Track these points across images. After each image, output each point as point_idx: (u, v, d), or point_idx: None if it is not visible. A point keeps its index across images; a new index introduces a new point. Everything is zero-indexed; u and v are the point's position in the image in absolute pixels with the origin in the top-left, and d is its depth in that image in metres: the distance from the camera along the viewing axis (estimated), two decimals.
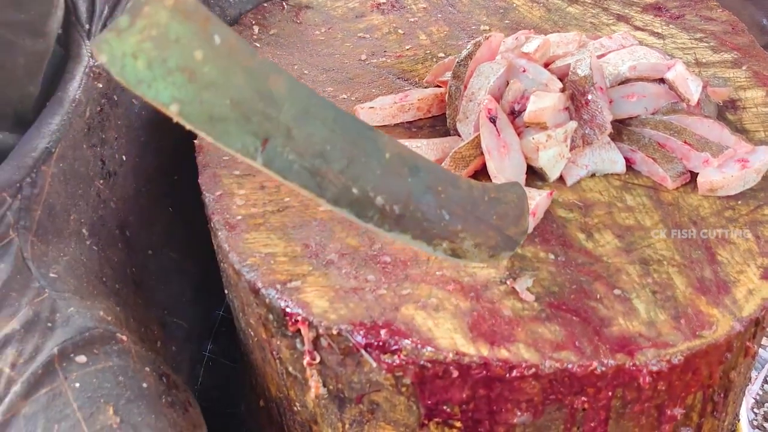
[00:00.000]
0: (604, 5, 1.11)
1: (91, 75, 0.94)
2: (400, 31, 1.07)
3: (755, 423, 1.23)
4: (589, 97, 0.80)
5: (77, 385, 0.67)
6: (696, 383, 0.66)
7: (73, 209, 0.85)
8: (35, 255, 0.77)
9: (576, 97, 0.81)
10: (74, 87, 0.89)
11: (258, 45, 1.03)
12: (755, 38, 1.59)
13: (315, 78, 0.97)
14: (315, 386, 0.71)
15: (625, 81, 0.84)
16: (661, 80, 0.84)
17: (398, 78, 0.98)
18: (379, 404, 0.69)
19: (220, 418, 1.06)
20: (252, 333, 0.77)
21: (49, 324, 0.70)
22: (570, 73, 0.83)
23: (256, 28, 1.07)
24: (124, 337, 0.74)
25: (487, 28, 1.07)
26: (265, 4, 1.12)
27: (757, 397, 1.24)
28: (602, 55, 0.87)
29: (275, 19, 1.09)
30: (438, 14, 1.11)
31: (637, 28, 1.06)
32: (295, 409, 0.77)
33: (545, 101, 0.77)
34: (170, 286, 1.01)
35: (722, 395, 0.71)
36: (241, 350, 0.89)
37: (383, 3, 1.13)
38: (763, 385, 1.27)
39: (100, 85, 0.95)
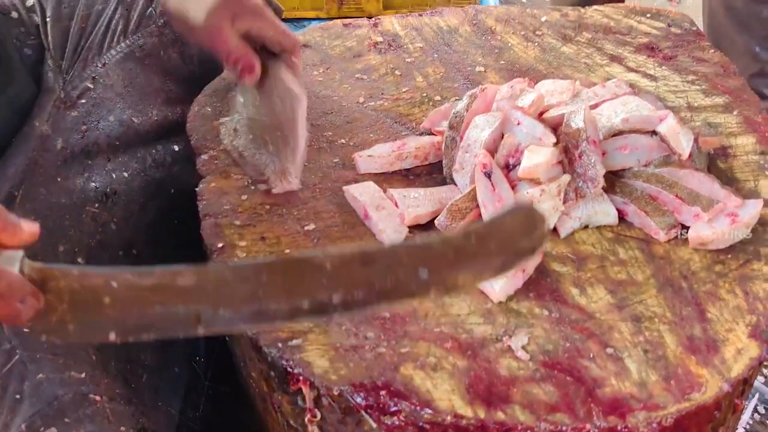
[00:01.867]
0: (598, 45, 1.13)
1: (62, 106, 0.96)
2: (397, 72, 1.08)
3: None
4: (582, 150, 0.82)
5: None
6: None
7: (62, 241, 0.85)
8: None
9: (569, 149, 0.83)
10: (42, 120, 0.90)
11: None
12: (749, 65, 1.62)
13: (314, 121, 0.99)
14: None
15: (618, 133, 0.86)
16: (654, 132, 0.86)
17: (395, 122, 0.99)
18: None
19: None
20: (253, 384, 0.79)
21: (17, 396, 0.70)
22: (564, 125, 0.85)
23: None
24: (98, 397, 0.74)
25: (483, 69, 1.09)
26: None
27: (747, 427, 1.27)
28: (595, 106, 0.89)
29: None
30: (434, 54, 1.12)
31: (631, 69, 1.08)
32: None
33: (539, 157, 0.79)
34: None
35: None
36: (244, 388, 0.91)
37: (380, 42, 1.15)
38: (753, 414, 1.29)
39: (75, 113, 0.97)
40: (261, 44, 0.94)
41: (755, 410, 1.28)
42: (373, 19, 1.20)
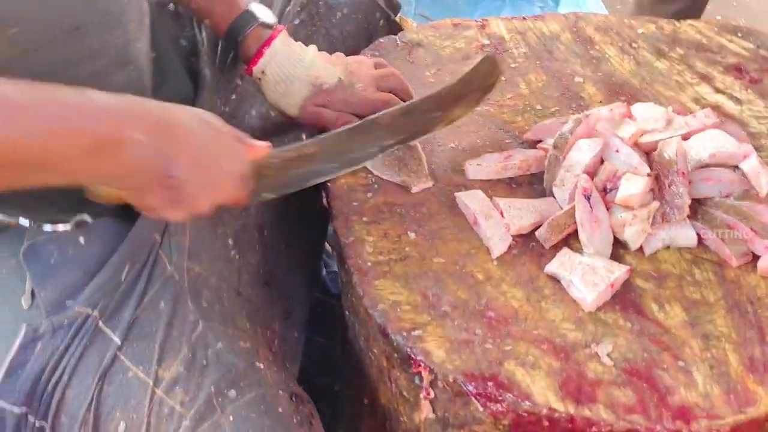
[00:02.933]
0: (689, 62, 1.22)
1: (219, 101, 1.09)
2: (502, 77, 1.19)
3: None
4: (672, 180, 0.93)
5: (231, 417, 0.82)
6: None
7: (219, 225, 1.01)
8: (191, 281, 0.92)
9: (660, 178, 0.94)
10: None
11: None
12: None
13: None
14: (425, 411, 0.88)
15: (705, 165, 0.97)
16: (737, 166, 0.97)
17: (500, 129, 1.11)
18: None
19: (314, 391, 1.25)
20: (372, 356, 0.94)
21: (204, 362, 0.86)
22: (657, 153, 0.96)
23: None
24: (262, 366, 0.90)
25: (581, 80, 1.19)
26: (381, 40, 1.25)
27: None
28: (686, 136, 0.99)
29: (391, 57, 1.22)
30: (536, 61, 1.23)
31: (718, 91, 1.17)
32: (402, 419, 0.95)
33: (634, 188, 0.91)
34: (295, 275, 1.17)
35: None
36: (351, 351, 1.06)
37: (487, 45, 1.25)
38: None
39: (227, 109, 1.10)
40: None
41: None
42: (480, 20, 1.30)
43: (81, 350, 0.87)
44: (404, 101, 1.09)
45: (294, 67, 1.04)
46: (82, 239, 0.90)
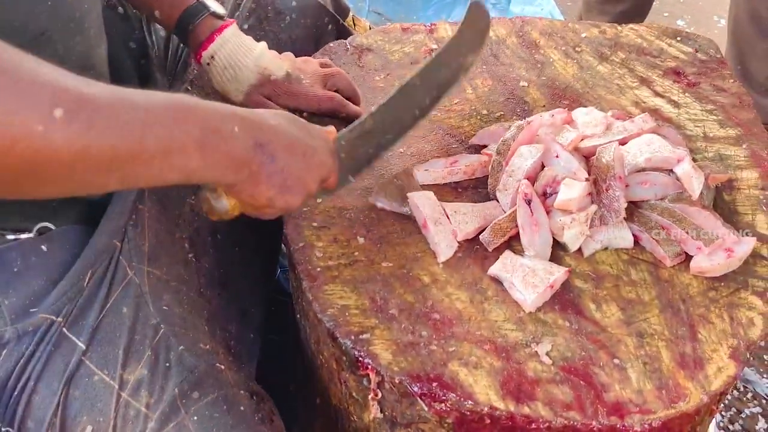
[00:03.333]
0: (630, 66, 1.26)
1: None
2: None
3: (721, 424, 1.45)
4: (610, 184, 0.97)
5: (195, 418, 0.84)
6: None
7: (176, 229, 1.02)
8: (151, 286, 0.94)
9: (598, 182, 0.98)
10: None
11: None
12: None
13: None
14: (374, 411, 0.91)
15: (641, 169, 1.01)
16: (672, 169, 1.01)
17: (447, 134, 1.14)
18: (424, 431, 0.89)
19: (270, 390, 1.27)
20: (322, 359, 0.97)
21: (167, 364, 0.88)
22: (596, 158, 1.00)
23: None
24: (222, 366, 0.92)
25: (526, 84, 1.22)
26: (331, 45, 1.27)
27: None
28: (624, 141, 1.03)
29: (341, 62, 1.24)
30: (483, 65, 1.26)
31: (657, 94, 1.21)
32: (352, 419, 0.98)
33: (573, 192, 0.95)
34: (249, 276, 1.19)
35: None
36: (303, 352, 1.09)
37: (435, 49, 1.28)
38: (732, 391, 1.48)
39: None
40: None
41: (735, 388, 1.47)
42: (429, 24, 1.32)
43: (46, 356, 0.88)
44: (349, 100, 1.13)
45: (244, 56, 1.08)
46: (44, 247, 0.91)
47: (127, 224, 0.95)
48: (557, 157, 0.99)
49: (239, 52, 1.08)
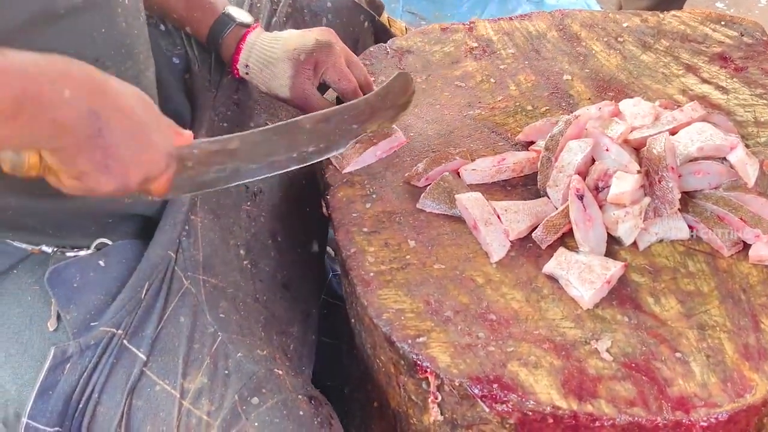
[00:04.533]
0: (675, 53, 1.24)
1: (217, 119, 1.12)
2: (492, 79, 1.21)
3: None
4: (662, 176, 0.95)
5: (256, 424, 0.86)
6: (736, 430, 0.85)
7: (230, 237, 1.04)
8: (207, 294, 0.96)
9: (651, 173, 0.97)
10: (201, 136, 1.05)
11: None
12: None
13: (422, 130, 1.14)
14: (434, 414, 0.91)
15: (694, 159, 0.99)
16: (725, 158, 0.99)
17: (492, 132, 1.13)
18: None
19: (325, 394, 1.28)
20: (380, 363, 0.97)
21: (226, 372, 0.89)
22: (646, 149, 0.98)
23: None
24: (280, 372, 0.93)
25: (569, 77, 1.21)
26: (371, 49, 1.28)
27: None
28: (674, 131, 1.02)
29: (381, 65, 1.25)
30: (525, 61, 1.25)
31: (704, 81, 1.19)
32: (412, 422, 0.98)
33: (625, 185, 0.93)
34: (310, 277, 1.20)
35: None
36: (359, 356, 1.09)
37: (476, 47, 1.27)
38: None
39: (226, 124, 1.13)
40: None
41: None
42: (468, 22, 1.32)
43: (108, 368, 0.91)
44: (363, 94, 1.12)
45: (272, 50, 1.09)
46: (102, 262, 0.94)
47: (181, 235, 0.97)
48: (607, 150, 0.98)
49: (268, 48, 1.08)
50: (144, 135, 0.74)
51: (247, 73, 1.10)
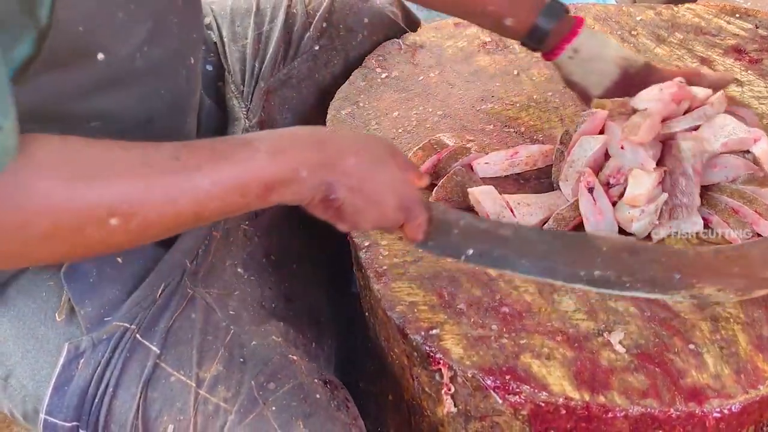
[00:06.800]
0: (689, 46, 1.24)
1: (249, 128, 1.13)
2: (505, 74, 1.22)
3: None
4: (687, 182, 0.94)
5: (273, 408, 0.87)
6: (749, 421, 0.85)
7: (227, 257, 1.04)
8: (215, 301, 0.97)
9: (674, 171, 0.96)
10: None
11: (384, 89, 1.20)
12: None
13: (436, 125, 1.14)
14: (447, 406, 0.92)
15: (717, 154, 0.98)
16: (745, 150, 0.99)
17: (505, 126, 1.14)
18: (499, 424, 0.89)
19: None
20: (393, 356, 0.98)
21: (241, 359, 0.90)
22: (674, 147, 0.96)
23: (379, 71, 1.23)
24: (295, 357, 0.94)
25: None
26: (385, 44, 1.28)
27: None
28: (696, 127, 1.00)
29: (394, 60, 1.25)
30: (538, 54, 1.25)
31: None
32: (426, 414, 0.98)
33: (642, 187, 0.93)
34: (313, 290, 1.20)
35: None
36: (373, 349, 1.10)
37: (488, 42, 1.27)
38: None
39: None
40: None
41: None
42: None
43: (122, 362, 0.91)
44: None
45: (604, 47, 1.08)
46: (119, 258, 0.94)
47: (200, 247, 0.98)
48: (622, 148, 0.98)
49: (600, 43, 1.08)
50: (373, 194, 0.81)
51: (571, 57, 1.08)
